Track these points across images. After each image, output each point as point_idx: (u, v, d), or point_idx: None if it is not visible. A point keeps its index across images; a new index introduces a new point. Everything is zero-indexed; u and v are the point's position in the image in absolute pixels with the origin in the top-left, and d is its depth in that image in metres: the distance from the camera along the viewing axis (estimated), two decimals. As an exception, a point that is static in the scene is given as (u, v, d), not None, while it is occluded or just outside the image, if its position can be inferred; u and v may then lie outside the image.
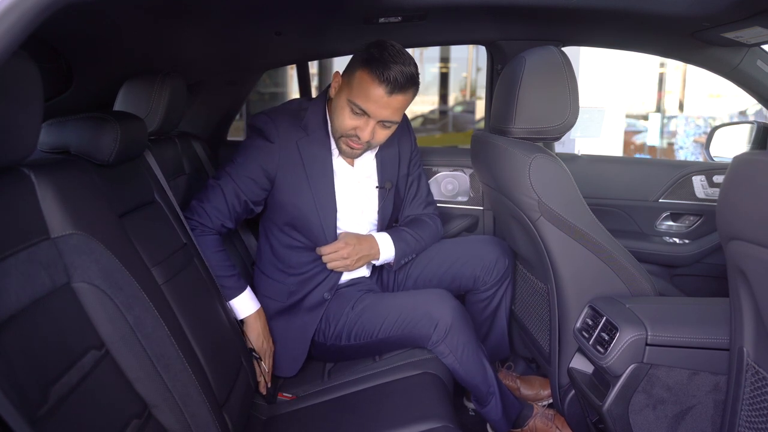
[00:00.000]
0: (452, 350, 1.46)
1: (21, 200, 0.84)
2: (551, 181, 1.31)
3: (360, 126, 1.45)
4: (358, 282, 1.68)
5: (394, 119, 1.46)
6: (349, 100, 1.43)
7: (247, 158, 1.52)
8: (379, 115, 1.43)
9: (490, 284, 1.68)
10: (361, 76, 1.40)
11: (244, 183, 1.51)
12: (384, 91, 1.39)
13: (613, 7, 1.52)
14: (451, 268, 1.70)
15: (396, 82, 1.38)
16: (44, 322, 0.80)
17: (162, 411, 0.99)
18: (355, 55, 1.48)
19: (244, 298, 1.51)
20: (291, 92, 8.11)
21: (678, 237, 2.07)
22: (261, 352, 1.51)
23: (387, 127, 1.49)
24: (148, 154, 1.37)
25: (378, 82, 1.38)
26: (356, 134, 1.47)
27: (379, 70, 1.37)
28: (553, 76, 1.35)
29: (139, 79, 1.40)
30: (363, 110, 1.42)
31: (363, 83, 1.40)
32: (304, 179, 1.54)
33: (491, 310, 1.72)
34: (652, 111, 9.49)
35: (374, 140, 1.49)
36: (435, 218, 1.78)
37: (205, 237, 1.48)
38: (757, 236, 0.87)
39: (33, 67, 0.76)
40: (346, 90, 1.46)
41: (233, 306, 1.50)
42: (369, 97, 1.40)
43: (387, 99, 1.40)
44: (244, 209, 1.54)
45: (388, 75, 1.37)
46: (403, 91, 1.41)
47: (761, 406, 0.97)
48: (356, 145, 1.50)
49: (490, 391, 1.50)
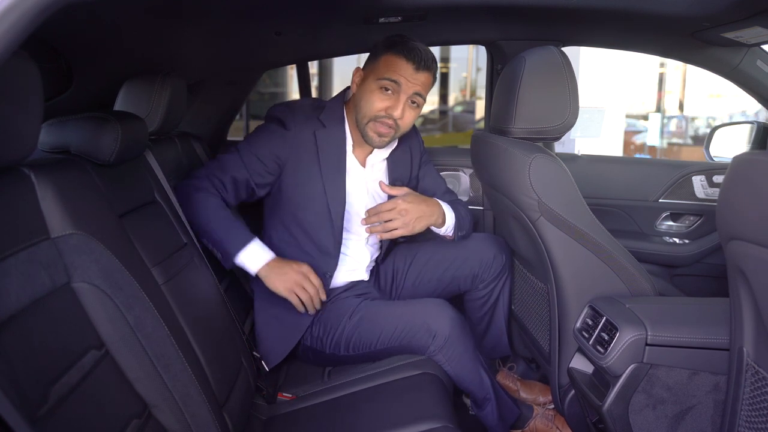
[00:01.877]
0: (448, 359, 1.46)
1: (21, 200, 0.84)
2: (551, 181, 1.31)
3: (391, 105, 1.49)
4: (356, 285, 1.67)
5: (423, 93, 1.50)
6: (379, 79, 1.47)
7: (259, 139, 1.54)
8: (410, 88, 1.47)
9: (488, 281, 1.69)
10: (386, 58, 1.47)
11: (250, 161, 1.51)
12: (412, 66, 1.45)
13: (613, 7, 1.52)
14: (449, 269, 1.70)
15: (420, 57, 1.45)
16: (44, 322, 0.80)
17: (162, 411, 0.99)
18: (374, 48, 1.52)
19: (254, 247, 1.45)
20: (291, 92, 8.11)
21: (678, 237, 2.07)
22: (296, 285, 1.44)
23: (414, 107, 1.52)
24: (148, 154, 1.37)
25: (406, 59, 1.45)
26: (387, 114, 1.49)
27: (406, 49, 1.45)
28: (553, 76, 1.35)
29: (139, 79, 1.40)
30: (395, 81, 1.46)
31: (391, 62, 1.46)
32: (317, 169, 1.54)
33: (489, 306, 1.72)
34: (652, 111, 9.50)
35: (403, 121, 1.52)
36: (462, 201, 1.79)
37: (209, 199, 1.45)
38: (756, 236, 0.87)
39: (33, 67, 0.76)
40: (372, 75, 1.50)
41: (243, 264, 1.44)
42: (398, 71, 1.46)
43: (415, 74, 1.46)
44: (246, 188, 1.53)
45: (414, 52, 1.45)
46: (427, 68, 1.48)
47: (761, 406, 0.97)
48: (385, 130, 1.51)
49: (486, 397, 1.51)
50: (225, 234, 1.44)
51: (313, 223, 1.56)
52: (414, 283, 1.73)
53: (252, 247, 1.46)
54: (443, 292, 1.72)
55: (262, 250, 1.47)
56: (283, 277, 1.45)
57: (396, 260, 1.77)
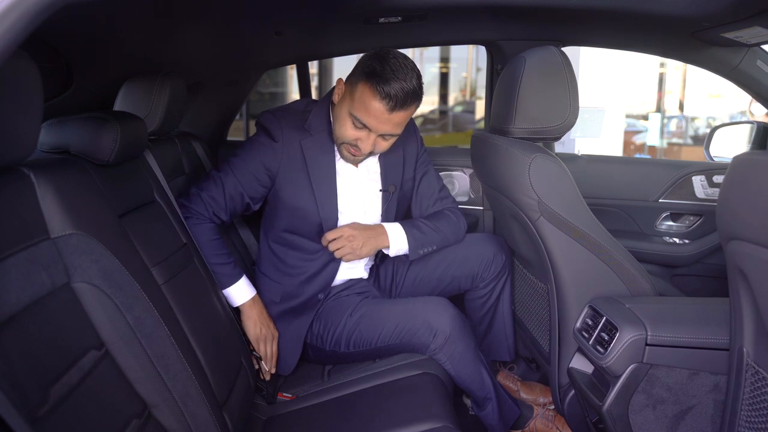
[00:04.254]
0: (449, 358, 1.46)
1: (21, 200, 0.84)
2: (551, 181, 1.31)
3: (361, 138, 1.46)
4: (356, 284, 1.67)
5: (394, 133, 1.46)
6: (351, 114, 1.43)
7: (249, 153, 1.54)
8: (379, 129, 1.43)
9: (488, 280, 1.69)
10: (362, 90, 1.40)
11: (244, 177, 1.52)
12: (385, 107, 1.38)
13: (613, 8, 1.52)
14: (449, 268, 1.70)
15: (397, 98, 1.37)
16: (44, 322, 0.79)
17: (162, 411, 0.99)
18: (357, 65, 1.46)
19: (240, 285, 1.51)
20: (291, 92, 8.12)
21: (678, 237, 2.07)
22: (261, 338, 1.52)
23: (388, 140, 1.49)
24: (148, 154, 1.37)
25: (379, 99, 1.37)
26: (357, 145, 1.48)
27: (380, 86, 1.36)
28: (553, 76, 1.35)
29: (139, 79, 1.40)
30: (364, 125, 1.43)
31: (364, 98, 1.39)
32: (306, 179, 1.54)
33: (490, 306, 1.72)
34: (652, 111, 9.51)
35: (376, 150, 1.51)
36: (454, 211, 1.75)
37: (200, 225, 1.48)
38: (756, 236, 0.87)
39: (33, 67, 0.76)
40: (348, 101, 1.45)
41: (228, 295, 1.50)
42: (369, 112, 1.40)
43: (388, 115, 1.40)
44: (241, 203, 1.55)
45: (389, 91, 1.36)
46: (404, 108, 1.40)
47: (761, 406, 0.97)
48: (358, 153, 1.50)
49: (486, 397, 1.51)
50: (216, 266, 1.47)
51: (307, 230, 1.57)
52: (414, 283, 1.73)
53: (239, 285, 1.52)
54: (443, 292, 1.72)
55: (247, 288, 1.54)
56: (256, 325, 1.52)
57: (396, 259, 1.77)
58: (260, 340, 1.52)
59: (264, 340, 1.53)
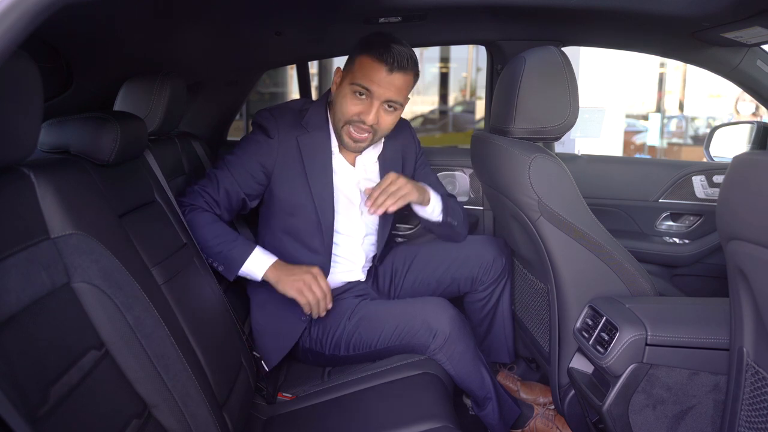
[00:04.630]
0: (449, 358, 1.46)
1: (21, 200, 0.84)
2: (551, 181, 1.31)
3: (364, 110, 1.46)
4: (353, 286, 1.66)
5: (397, 99, 1.47)
6: (352, 83, 1.45)
7: (245, 151, 1.54)
8: (381, 94, 1.44)
9: (487, 283, 1.69)
10: (361, 60, 1.45)
11: (240, 175, 1.52)
12: (385, 69, 1.42)
13: (613, 8, 1.52)
14: (449, 270, 1.70)
15: (395, 59, 1.41)
16: (44, 322, 0.80)
17: (162, 411, 0.99)
18: (354, 47, 1.51)
19: (256, 256, 1.45)
20: (291, 92, 8.12)
21: (678, 237, 2.07)
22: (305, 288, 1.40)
23: (391, 111, 1.49)
24: (148, 154, 1.37)
25: (378, 62, 1.42)
26: (360, 119, 1.47)
27: (379, 51, 1.42)
28: (553, 76, 1.35)
29: (139, 79, 1.40)
30: (366, 88, 1.44)
31: (364, 65, 1.44)
32: (302, 175, 1.54)
33: (489, 309, 1.71)
34: (652, 111, 9.51)
35: (379, 125, 1.49)
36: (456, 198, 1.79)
37: (199, 214, 1.46)
38: (756, 236, 0.87)
39: (33, 67, 0.76)
40: (348, 77, 1.48)
41: (247, 272, 1.45)
42: (371, 77, 1.43)
43: (389, 77, 1.43)
44: (237, 200, 1.54)
45: (388, 54, 1.41)
46: (403, 70, 1.43)
47: (761, 406, 0.97)
48: (360, 135, 1.50)
49: (487, 397, 1.51)
50: (226, 246, 1.43)
51: (303, 229, 1.56)
52: (413, 285, 1.73)
53: (255, 254, 1.45)
54: (442, 294, 1.72)
55: (265, 255, 1.47)
56: (292, 278, 1.42)
57: (395, 261, 1.77)
58: (303, 288, 1.40)
59: (308, 285, 1.40)
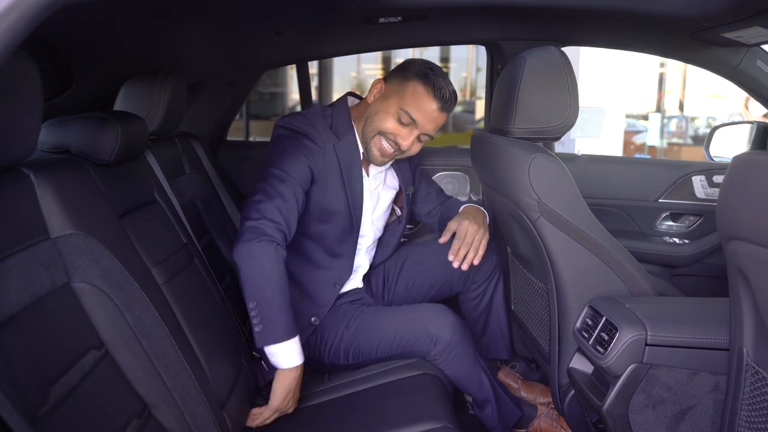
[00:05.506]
0: (448, 363, 1.46)
1: (21, 200, 0.84)
2: (551, 181, 1.31)
3: (403, 134, 1.48)
4: (350, 292, 1.64)
5: (432, 134, 1.51)
6: (402, 109, 1.45)
7: (295, 157, 1.43)
8: (425, 127, 1.47)
9: (479, 281, 1.71)
10: (415, 88, 1.44)
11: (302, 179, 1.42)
12: (437, 106, 1.45)
13: (613, 7, 1.52)
14: (441, 271, 1.71)
15: (448, 100, 1.46)
16: (44, 322, 0.80)
17: (162, 411, 0.99)
18: (402, 68, 1.49)
19: (292, 344, 1.28)
20: (291, 92, 8.12)
21: (678, 237, 2.07)
22: (282, 411, 1.32)
23: (421, 142, 1.53)
24: (148, 154, 1.38)
25: (434, 98, 1.44)
26: (395, 140, 1.48)
27: (437, 86, 1.43)
28: (553, 76, 1.35)
29: (139, 79, 1.40)
30: (413, 119, 1.45)
31: (417, 95, 1.44)
32: (340, 182, 1.51)
33: (484, 306, 1.73)
34: (652, 111, 9.51)
35: (409, 151, 1.52)
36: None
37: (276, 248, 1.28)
38: (756, 236, 0.87)
39: (33, 67, 0.76)
40: (395, 97, 1.47)
41: (274, 353, 1.27)
42: (422, 108, 1.44)
43: (437, 114, 1.46)
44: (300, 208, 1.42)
45: (445, 92, 1.44)
46: (449, 110, 1.48)
47: (761, 406, 0.97)
48: (388, 151, 1.51)
49: (486, 399, 1.51)
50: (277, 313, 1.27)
51: (332, 235, 1.54)
52: (406, 287, 1.73)
53: (291, 343, 1.28)
54: (436, 294, 1.73)
55: (297, 351, 1.29)
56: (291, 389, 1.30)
57: (387, 264, 1.76)
58: (279, 411, 1.31)
59: (287, 404, 1.31)
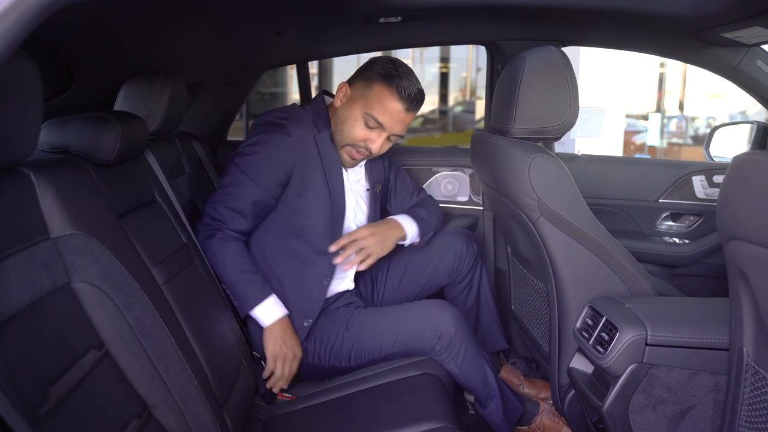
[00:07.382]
0: (453, 358, 1.46)
1: (21, 200, 0.84)
2: (551, 181, 1.31)
3: (372, 138, 1.49)
4: (342, 295, 1.63)
5: (401, 134, 1.52)
6: (367, 113, 1.46)
7: (264, 153, 1.47)
8: (393, 129, 1.48)
9: (464, 273, 1.73)
10: (380, 91, 1.45)
11: (265, 180, 1.46)
12: (403, 107, 1.45)
13: (613, 7, 1.52)
14: (426, 267, 1.73)
15: (414, 99, 1.46)
16: (44, 322, 0.80)
17: (162, 411, 0.99)
18: (366, 69, 1.50)
19: (269, 303, 1.44)
20: (291, 92, 8.12)
21: (678, 237, 2.07)
22: (280, 356, 1.43)
23: (391, 141, 1.54)
24: (148, 154, 1.38)
25: (399, 99, 1.44)
26: (365, 146, 1.50)
27: (401, 86, 1.43)
28: (553, 76, 1.35)
29: (139, 79, 1.40)
30: (380, 123, 1.46)
31: (382, 97, 1.45)
32: (322, 175, 1.52)
33: (473, 298, 1.76)
34: (652, 111, 9.51)
35: (379, 152, 1.54)
36: (432, 199, 1.84)
37: (223, 243, 1.43)
38: (756, 236, 0.87)
39: (33, 67, 0.76)
40: (360, 102, 1.48)
41: (256, 315, 1.44)
42: (387, 111, 1.45)
43: (404, 115, 1.47)
44: (263, 208, 1.49)
45: (409, 92, 1.44)
46: (416, 108, 1.48)
47: (761, 406, 0.97)
48: (359, 156, 1.54)
49: (490, 395, 1.51)
50: (243, 286, 1.43)
51: (315, 229, 1.53)
52: (395, 287, 1.74)
53: (268, 303, 1.44)
54: (424, 290, 1.75)
55: (277, 306, 1.46)
56: (280, 342, 1.43)
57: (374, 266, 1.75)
58: (278, 358, 1.43)
59: (283, 358, 1.43)
